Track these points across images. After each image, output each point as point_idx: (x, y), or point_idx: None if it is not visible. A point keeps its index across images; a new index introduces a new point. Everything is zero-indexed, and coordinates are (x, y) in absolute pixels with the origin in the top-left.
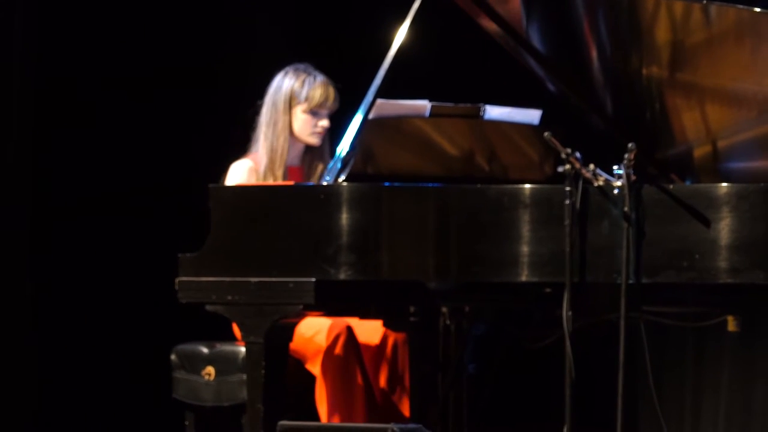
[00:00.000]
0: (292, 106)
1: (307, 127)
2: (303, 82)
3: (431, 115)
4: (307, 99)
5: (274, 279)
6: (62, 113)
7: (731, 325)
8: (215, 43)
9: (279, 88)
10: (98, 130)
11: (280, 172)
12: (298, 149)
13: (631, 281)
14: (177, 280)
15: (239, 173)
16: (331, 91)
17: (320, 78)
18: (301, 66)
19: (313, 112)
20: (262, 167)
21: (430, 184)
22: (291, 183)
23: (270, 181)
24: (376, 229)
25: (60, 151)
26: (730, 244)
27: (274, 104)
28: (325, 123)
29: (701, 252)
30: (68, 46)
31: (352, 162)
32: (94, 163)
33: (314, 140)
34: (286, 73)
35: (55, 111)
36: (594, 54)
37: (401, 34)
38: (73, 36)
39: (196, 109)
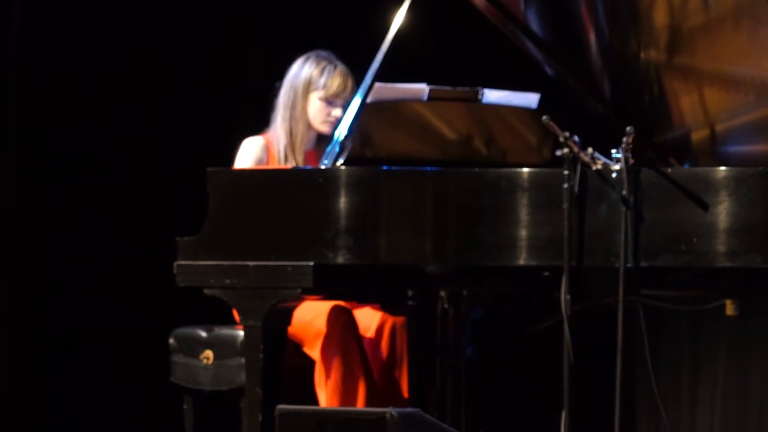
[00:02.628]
0: (309, 92)
1: (321, 115)
2: (323, 69)
3: (429, 98)
4: (324, 87)
5: (272, 263)
6: (61, 107)
7: (729, 309)
8: (215, 37)
9: (299, 72)
10: (98, 120)
11: (300, 157)
12: (312, 135)
13: (629, 265)
14: (175, 263)
15: (251, 149)
16: (350, 82)
17: (340, 67)
18: (323, 53)
19: (329, 101)
20: (281, 148)
21: (428, 168)
22: (289, 167)
23: (290, 163)
24: (374, 213)
25: (61, 134)
26: (728, 228)
27: (294, 88)
28: (338, 113)
29: (699, 236)
30: (66, 44)
31: (350, 146)
32: (92, 149)
33: (325, 128)
34: (307, 59)
35: (53, 106)
36: (592, 37)
37: (399, 17)
38: (70, 33)
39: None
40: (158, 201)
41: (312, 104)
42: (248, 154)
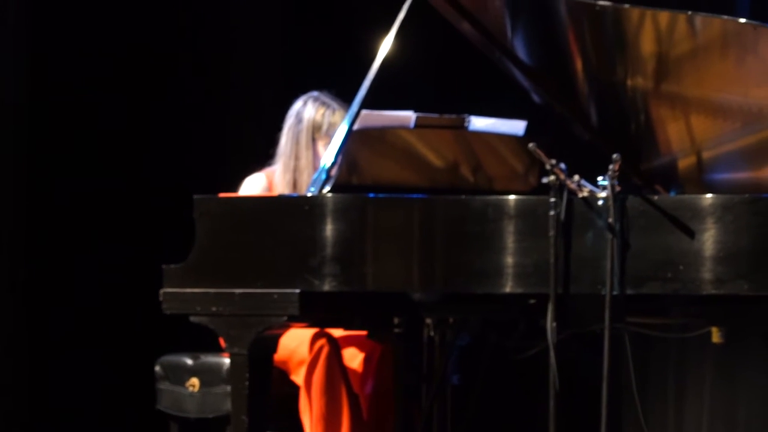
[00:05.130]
0: (314, 140)
1: None
2: (323, 115)
3: (416, 126)
4: (327, 133)
5: (258, 290)
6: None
7: (715, 336)
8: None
9: (299, 119)
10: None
11: None
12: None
13: (615, 292)
14: (161, 291)
15: (253, 190)
16: None
17: (338, 108)
18: (320, 96)
19: None
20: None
21: (415, 195)
22: (276, 194)
23: None
24: (360, 240)
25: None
26: (715, 255)
27: (296, 137)
28: None
29: (686, 263)
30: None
31: (336, 173)
32: (79, 174)
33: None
34: (305, 103)
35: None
36: (579, 65)
37: (386, 44)
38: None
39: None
40: (146, 227)
41: (319, 151)
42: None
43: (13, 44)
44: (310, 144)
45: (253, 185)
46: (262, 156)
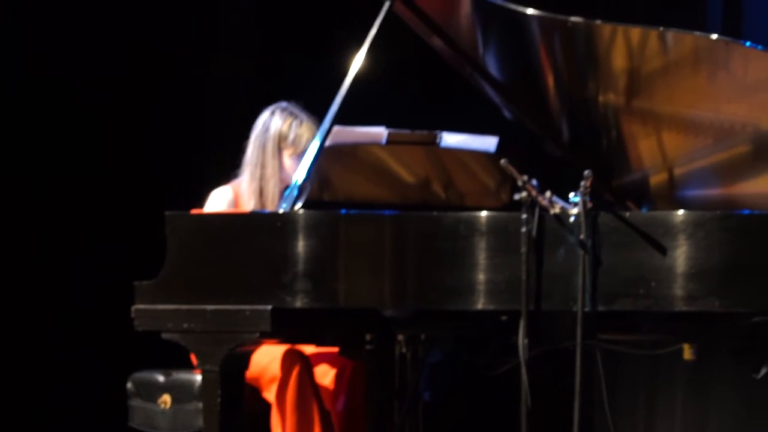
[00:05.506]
0: (280, 150)
1: (294, 171)
2: (290, 125)
3: (388, 142)
4: (294, 143)
5: (230, 306)
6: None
7: (687, 353)
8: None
9: (266, 129)
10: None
11: None
12: (283, 187)
13: (587, 309)
14: (133, 307)
15: (219, 203)
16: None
17: (306, 120)
18: (288, 106)
19: (300, 156)
20: (250, 205)
21: (387, 212)
22: (247, 211)
23: None
24: (332, 257)
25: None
26: (686, 272)
27: (262, 146)
28: None
29: (657, 280)
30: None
31: (308, 189)
32: (48, 189)
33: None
34: (272, 113)
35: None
36: (550, 81)
37: (358, 60)
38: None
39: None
40: (118, 244)
41: (285, 161)
42: (217, 208)
43: None
44: (276, 153)
45: (219, 198)
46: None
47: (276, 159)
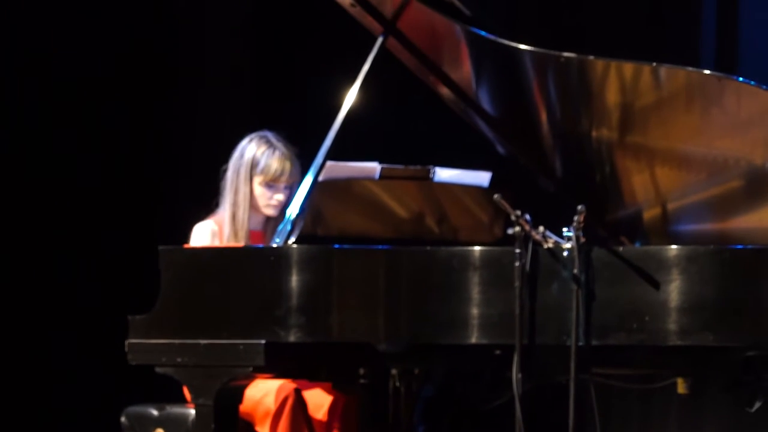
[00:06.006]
0: (252, 177)
1: (263, 199)
2: (263, 153)
3: (381, 177)
4: (263, 171)
5: (224, 341)
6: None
7: (681, 387)
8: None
9: (242, 155)
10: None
11: (242, 243)
12: (261, 216)
13: (580, 343)
14: (127, 341)
15: (203, 236)
16: (287, 166)
17: (279, 151)
18: (265, 136)
19: (269, 185)
20: (226, 232)
21: (380, 246)
22: (241, 245)
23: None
24: (326, 291)
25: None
26: (680, 306)
27: (237, 171)
28: (280, 197)
29: (651, 314)
30: None
31: (301, 224)
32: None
33: (270, 212)
34: (250, 140)
35: None
36: (543, 116)
37: (351, 95)
38: None
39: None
40: (111, 277)
41: (255, 189)
42: (201, 241)
43: None
44: (247, 180)
45: (202, 231)
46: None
47: (247, 186)
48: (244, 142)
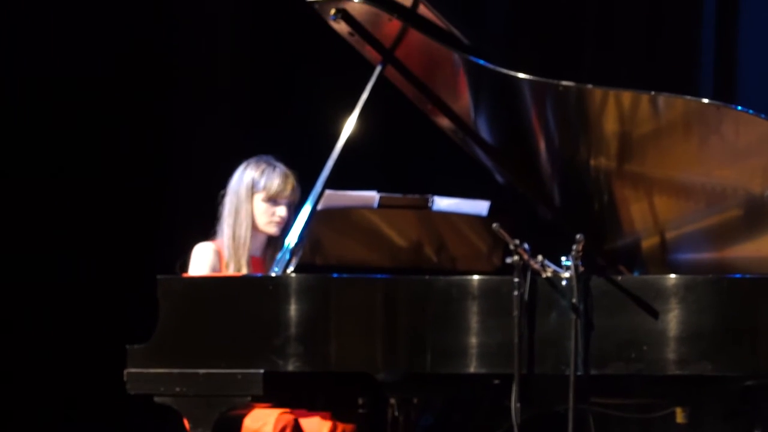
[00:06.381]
0: (253, 194)
1: (265, 216)
2: (263, 171)
3: (379, 206)
4: (265, 187)
5: (222, 370)
6: None
7: (679, 416)
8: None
9: (240, 178)
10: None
11: (244, 260)
12: (260, 240)
13: (579, 373)
14: (125, 371)
15: (205, 254)
16: (290, 181)
17: (279, 169)
18: (263, 157)
19: (272, 201)
20: (225, 255)
21: (379, 276)
22: (239, 274)
23: (232, 269)
24: (324, 320)
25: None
26: (678, 336)
27: (236, 193)
28: (282, 212)
29: (649, 343)
30: None
31: (300, 253)
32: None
33: (272, 230)
34: (247, 165)
35: None
36: (542, 145)
37: (350, 124)
38: None
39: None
40: (109, 306)
41: (256, 206)
42: (202, 260)
43: None
44: (249, 198)
45: (203, 252)
46: None
47: (249, 203)
48: (240, 168)
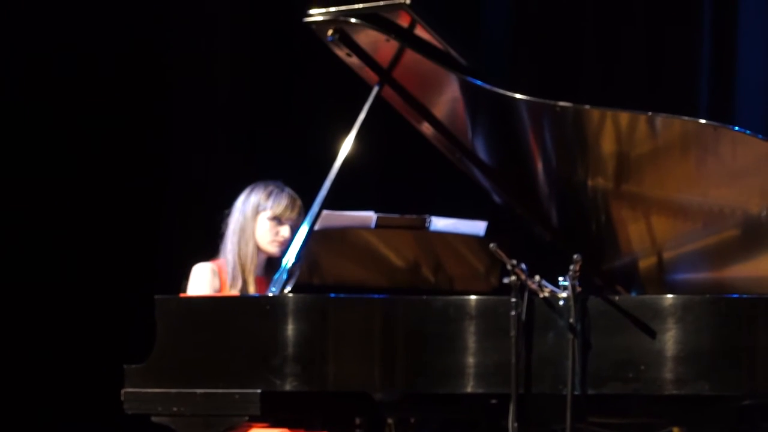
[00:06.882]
0: (257, 213)
1: (269, 235)
2: (270, 192)
3: (377, 226)
4: (272, 207)
5: (220, 390)
6: None
7: None
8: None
9: (247, 199)
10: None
11: (251, 278)
12: (262, 260)
13: (576, 392)
14: (123, 391)
15: (204, 274)
16: (297, 204)
17: (288, 191)
18: (270, 181)
19: (276, 219)
20: (229, 274)
21: (376, 296)
22: (237, 294)
23: (238, 287)
24: (321, 340)
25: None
26: (676, 356)
27: (242, 212)
28: (286, 233)
29: (647, 363)
30: None
31: (297, 273)
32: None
33: (274, 249)
34: (254, 187)
35: None
36: (539, 165)
37: (347, 144)
38: None
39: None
40: (107, 326)
41: (260, 225)
42: (202, 280)
43: None
44: (254, 216)
45: (203, 271)
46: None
47: (254, 221)
48: (246, 191)
